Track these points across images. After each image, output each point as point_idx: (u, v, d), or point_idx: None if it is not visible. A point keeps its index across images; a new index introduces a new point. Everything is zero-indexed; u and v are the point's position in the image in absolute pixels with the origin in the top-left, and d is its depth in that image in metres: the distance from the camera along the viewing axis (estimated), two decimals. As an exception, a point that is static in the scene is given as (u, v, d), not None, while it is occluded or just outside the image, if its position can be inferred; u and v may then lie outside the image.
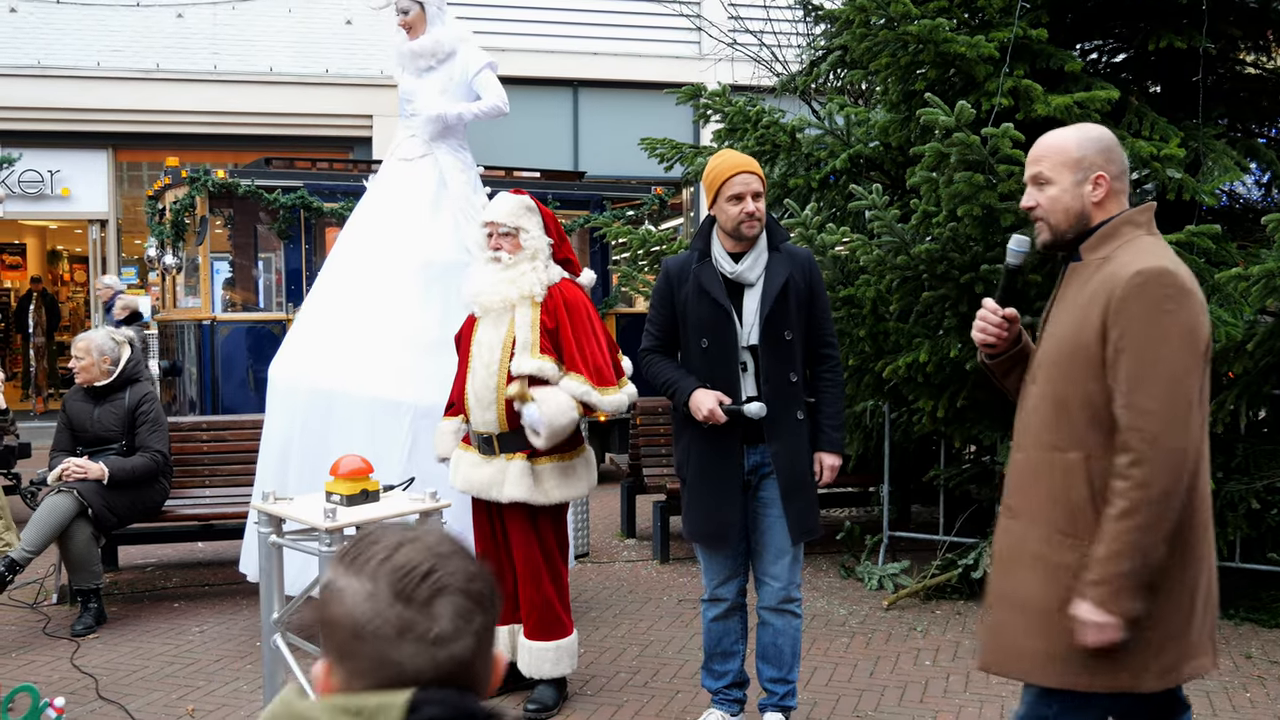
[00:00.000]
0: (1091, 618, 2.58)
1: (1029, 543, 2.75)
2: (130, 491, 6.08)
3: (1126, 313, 2.58)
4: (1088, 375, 2.65)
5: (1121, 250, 2.69)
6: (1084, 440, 2.66)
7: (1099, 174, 2.75)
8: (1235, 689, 5.01)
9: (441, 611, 1.27)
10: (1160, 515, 2.53)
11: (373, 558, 1.30)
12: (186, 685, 5.13)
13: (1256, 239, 6.31)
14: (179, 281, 10.72)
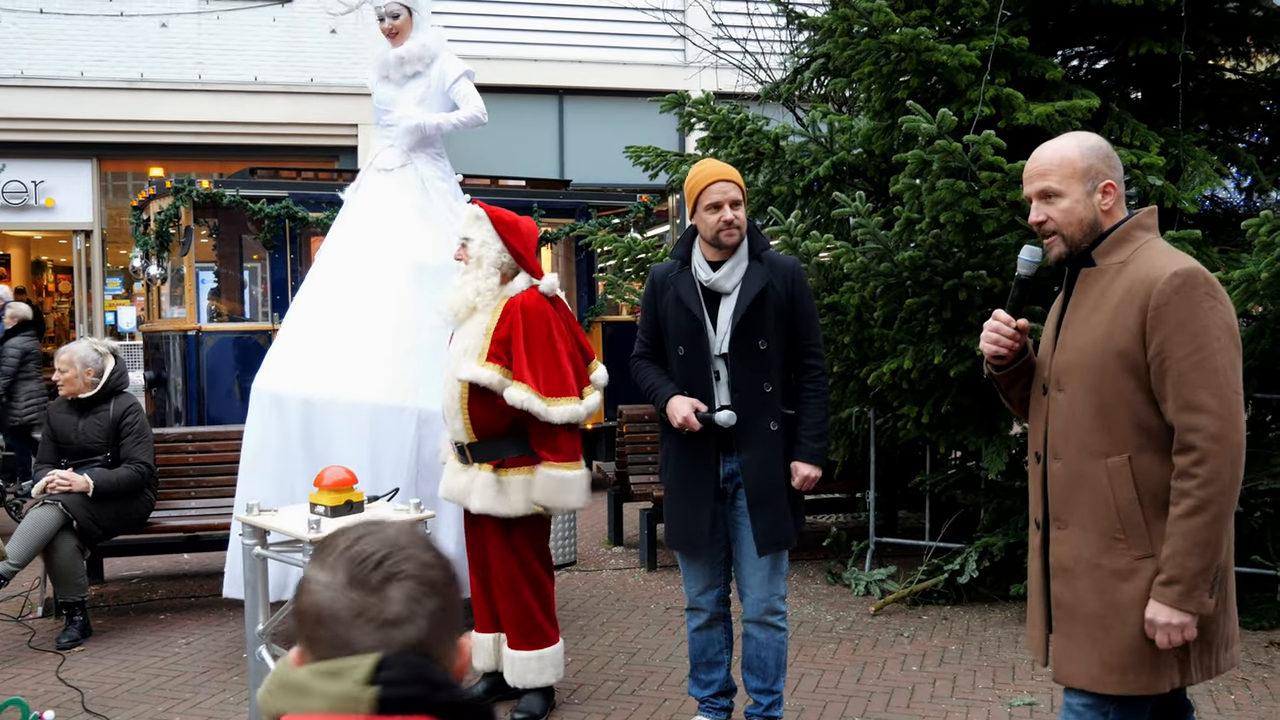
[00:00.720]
0: (1167, 619, 2.61)
1: (1083, 550, 2.77)
2: (115, 503, 6.06)
3: (1170, 314, 2.61)
4: (1125, 378, 2.68)
5: (1140, 253, 2.73)
6: (1127, 443, 2.69)
7: (1107, 182, 2.79)
8: (1220, 691, 5.03)
9: (394, 595, 1.36)
10: (1225, 509, 2.58)
11: (335, 549, 1.40)
12: (173, 698, 5.12)
13: (1237, 243, 6.35)
14: (164, 292, 10.69)
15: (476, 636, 4.92)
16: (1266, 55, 7.39)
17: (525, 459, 4.62)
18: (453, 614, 1.42)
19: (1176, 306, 2.60)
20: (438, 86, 6.03)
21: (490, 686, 4.94)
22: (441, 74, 6.03)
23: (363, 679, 1.33)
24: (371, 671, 1.33)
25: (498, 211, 4.75)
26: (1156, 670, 2.68)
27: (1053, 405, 2.86)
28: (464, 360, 4.59)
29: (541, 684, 4.75)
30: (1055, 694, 5.02)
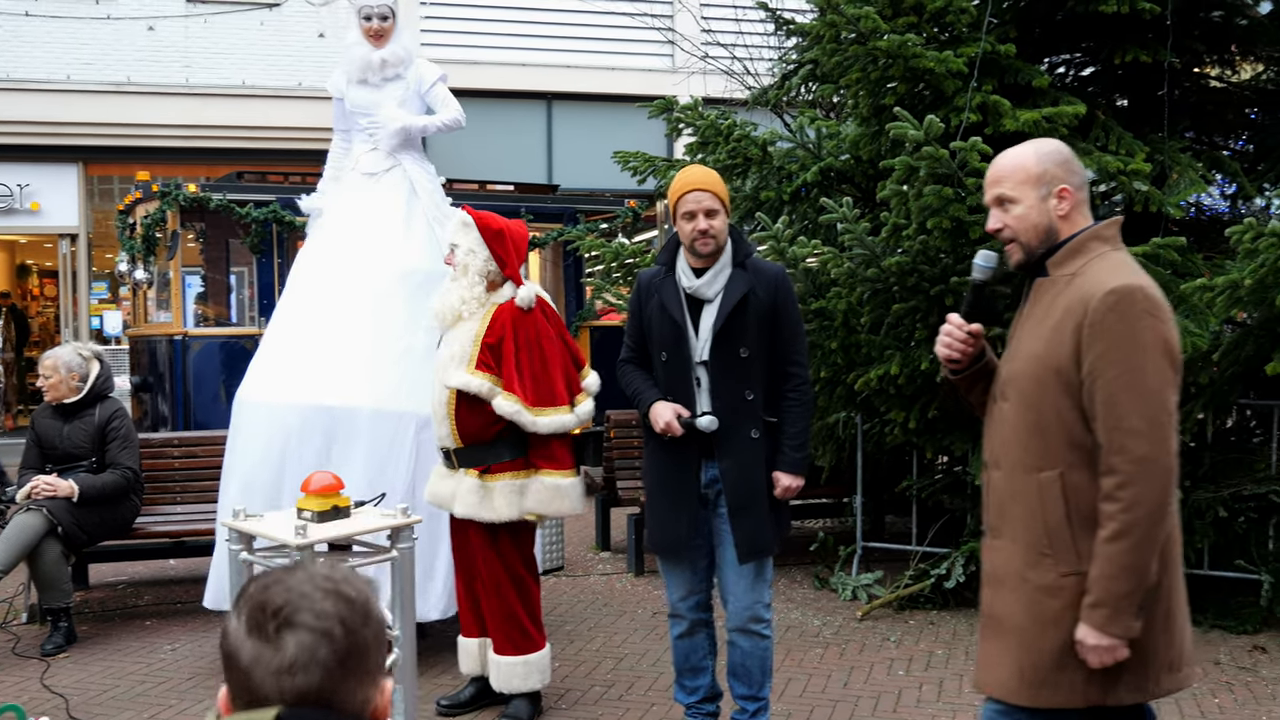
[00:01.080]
0: (1094, 641, 2.59)
1: (1012, 562, 2.75)
2: (100, 509, 6.04)
3: (1103, 332, 2.57)
4: (1061, 395, 2.65)
5: (1090, 266, 2.69)
6: (1058, 459, 2.66)
7: (1062, 187, 2.75)
8: (1204, 695, 5.05)
9: (288, 644, 1.39)
10: (1151, 534, 2.54)
11: (246, 595, 1.46)
12: (159, 704, 5.10)
13: (1221, 250, 6.37)
14: (150, 296, 10.66)
15: (462, 641, 4.92)
16: (1251, 63, 7.43)
17: (511, 465, 4.61)
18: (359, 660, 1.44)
19: (1111, 324, 2.57)
20: (415, 89, 6.04)
21: (477, 691, 4.93)
22: (419, 77, 6.05)
23: None
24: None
25: (485, 218, 4.73)
26: (1072, 687, 2.66)
27: (998, 414, 2.86)
28: (453, 367, 4.59)
29: (528, 689, 4.75)
30: (1041, 699, 5.04)
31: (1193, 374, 5.73)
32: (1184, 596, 2.74)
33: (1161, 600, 2.66)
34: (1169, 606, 2.68)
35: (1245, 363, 5.63)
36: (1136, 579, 2.55)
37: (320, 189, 6.21)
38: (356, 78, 6.00)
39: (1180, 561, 2.73)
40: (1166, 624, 2.68)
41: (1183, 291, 5.59)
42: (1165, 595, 2.67)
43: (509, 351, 4.55)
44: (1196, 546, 5.99)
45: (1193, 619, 6.06)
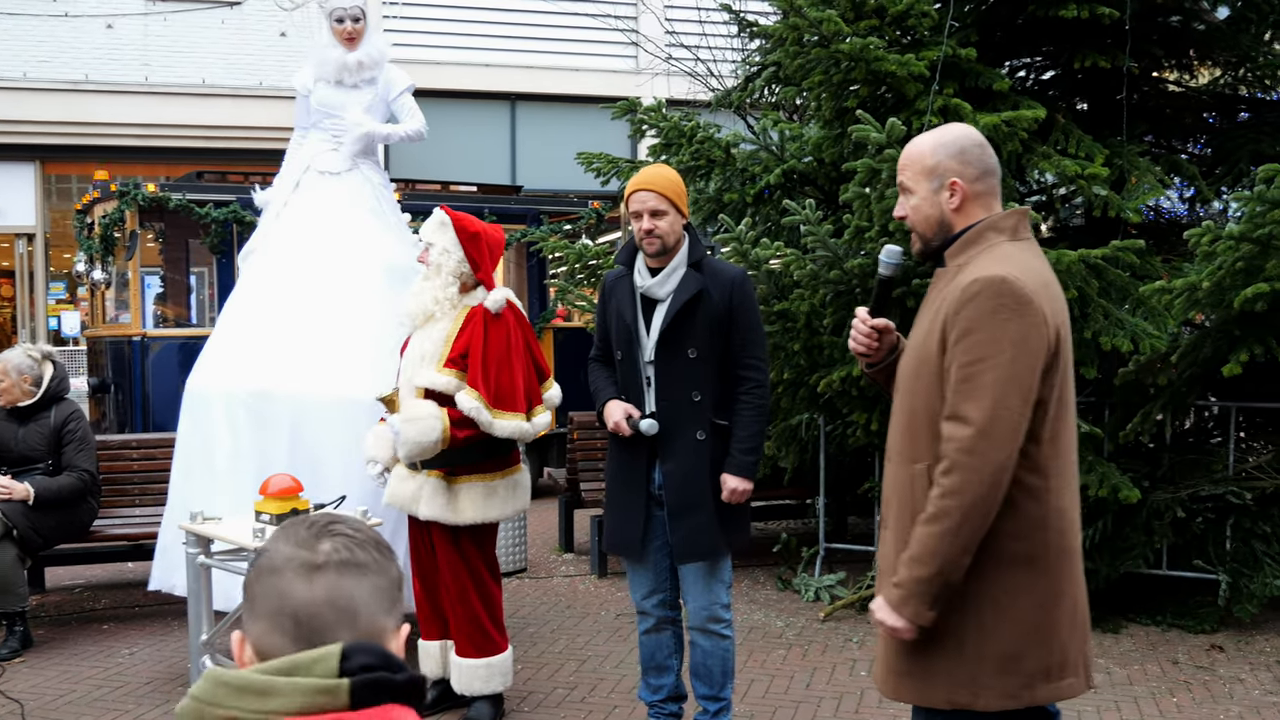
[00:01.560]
0: (881, 615, 2.60)
1: (890, 553, 2.72)
2: (57, 512, 5.97)
3: (960, 321, 2.54)
4: (932, 386, 2.62)
5: (979, 257, 2.64)
6: (929, 450, 2.62)
7: (953, 180, 2.69)
8: (1162, 694, 5.10)
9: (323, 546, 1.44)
10: (963, 525, 2.48)
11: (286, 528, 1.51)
12: (116, 709, 5.04)
13: (1180, 252, 6.44)
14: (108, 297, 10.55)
15: (423, 644, 4.89)
16: (1208, 68, 7.51)
17: (477, 467, 4.60)
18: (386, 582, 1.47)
19: (968, 315, 2.53)
20: (383, 95, 6.04)
21: (439, 694, 4.91)
22: (388, 83, 6.05)
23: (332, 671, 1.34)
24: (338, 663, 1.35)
25: (463, 219, 4.71)
26: (933, 687, 2.63)
27: (893, 406, 2.84)
28: (422, 367, 4.56)
29: (490, 692, 4.73)
30: (1002, 699, 5.07)
31: (1151, 376, 5.79)
32: (1072, 606, 2.67)
33: (1033, 609, 2.59)
34: (1044, 617, 2.61)
35: (1203, 364, 5.69)
36: (938, 567, 2.51)
37: (277, 184, 6.16)
38: (331, 78, 5.97)
39: (1068, 570, 2.65)
40: (1040, 633, 2.60)
41: (1142, 294, 5.65)
42: (1037, 605, 2.60)
43: (477, 352, 4.53)
44: (1155, 547, 6.05)
45: (1151, 619, 6.16)
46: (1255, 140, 6.77)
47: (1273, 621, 6.16)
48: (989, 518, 2.51)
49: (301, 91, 6.09)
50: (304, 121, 6.14)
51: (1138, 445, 6.38)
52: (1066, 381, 2.65)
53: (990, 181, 2.73)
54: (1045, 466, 2.58)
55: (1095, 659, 5.55)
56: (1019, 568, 2.58)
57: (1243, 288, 5.07)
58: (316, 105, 5.99)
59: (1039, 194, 7.62)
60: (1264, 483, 6.06)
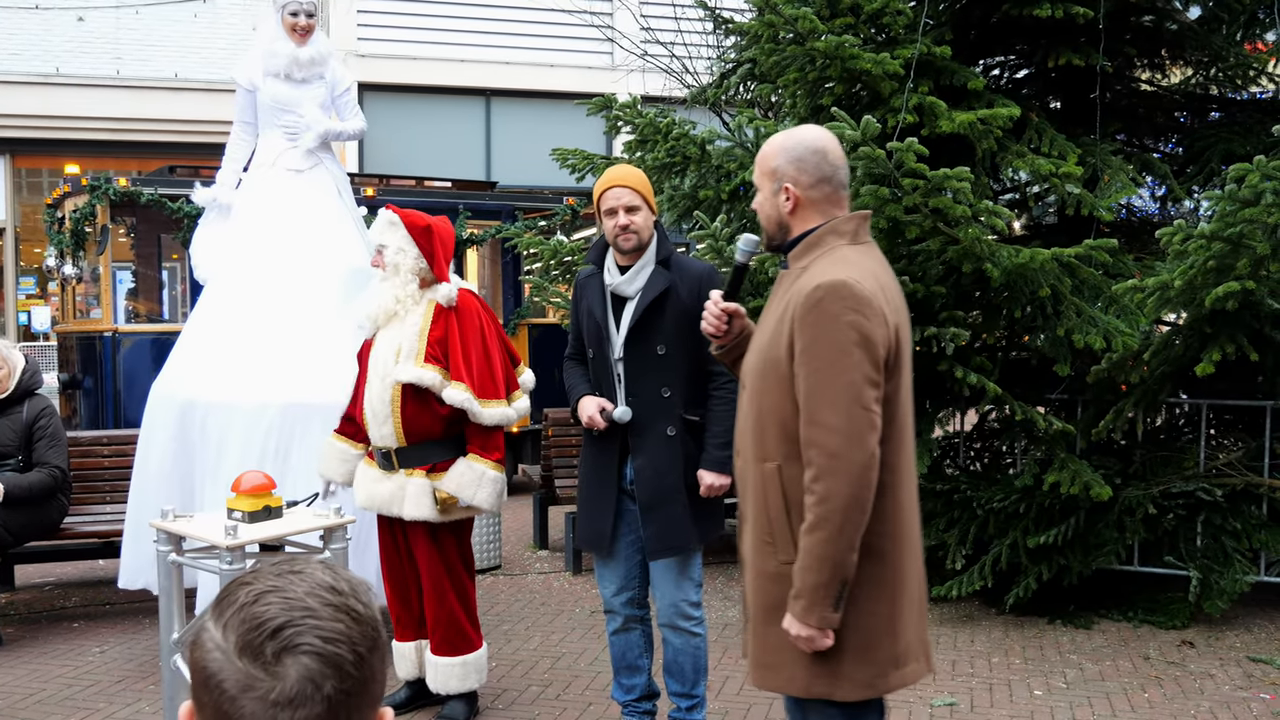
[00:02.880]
0: (796, 631, 2.64)
1: (747, 549, 2.81)
2: (27, 509, 5.91)
3: (806, 326, 2.60)
4: (779, 387, 2.68)
5: (819, 261, 2.71)
6: (778, 450, 2.69)
7: (785, 185, 2.77)
8: (1134, 690, 5.13)
9: (288, 673, 1.16)
10: (844, 526, 2.55)
11: (234, 604, 1.22)
12: (86, 708, 5.00)
13: (1152, 251, 6.48)
14: (80, 292, 10.46)
15: (397, 646, 4.87)
16: (1180, 67, 7.56)
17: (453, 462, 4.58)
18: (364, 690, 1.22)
19: (814, 319, 2.59)
20: (330, 91, 6.08)
21: (413, 692, 4.89)
22: (335, 79, 6.10)
23: None
24: None
25: (412, 215, 4.70)
26: (793, 676, 2.71)
27: (740, 403, 2.91)
28: (400, 363, 4.53)
29: (465, 690, 4.72)
30: (975, 694, 5.09)
31: (1123, 374, 5.83)
32: (914, 594, 2.77)
33: (884, 600, 2.68)
34: (893, 607, 2.70)
35: (1175, 362, 5.73)
36: (830, 571, 2.57)
37: (220, 180, 6.12)
38: (280, 73, 5.95)
39: (909, 560, 2.75)
40: (891, 623, 2.70)
41: (1114, 292, 5.67)
42: (889, 596, 2.69)
43: (455, 344, 4.54)
44: (1127, 543, 6.09)
45: (1122, 615, 6.20)
46: (1226, 139, 6.81)
47: (1243, 617, 6.21)
48: (865, 513, 2.58)
49: (246, 86, 6.04)
50: (247, 116, 6.09)
51: (1110, 442, 6.42)
52: (905, 380, 2.73)
53: (826, 189, 2.78)
54: (888, 462, 2.65)
55: (1065, 653, 5.61)
56: (870, 561, 2.65)
57: (1214, 286, 5.10)
58: (270, 101, 5.97)
59: (1013, 192, 7.65)
60: (1234, 479, 6.11)
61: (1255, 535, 6.04)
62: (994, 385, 5.81)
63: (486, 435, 4.57)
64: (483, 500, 4.53)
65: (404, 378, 4.50)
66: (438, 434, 4.56)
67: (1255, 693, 5.09)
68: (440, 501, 4.50)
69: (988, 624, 6.20)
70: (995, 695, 5.10)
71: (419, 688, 4.87)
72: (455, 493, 4.50)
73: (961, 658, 5.63)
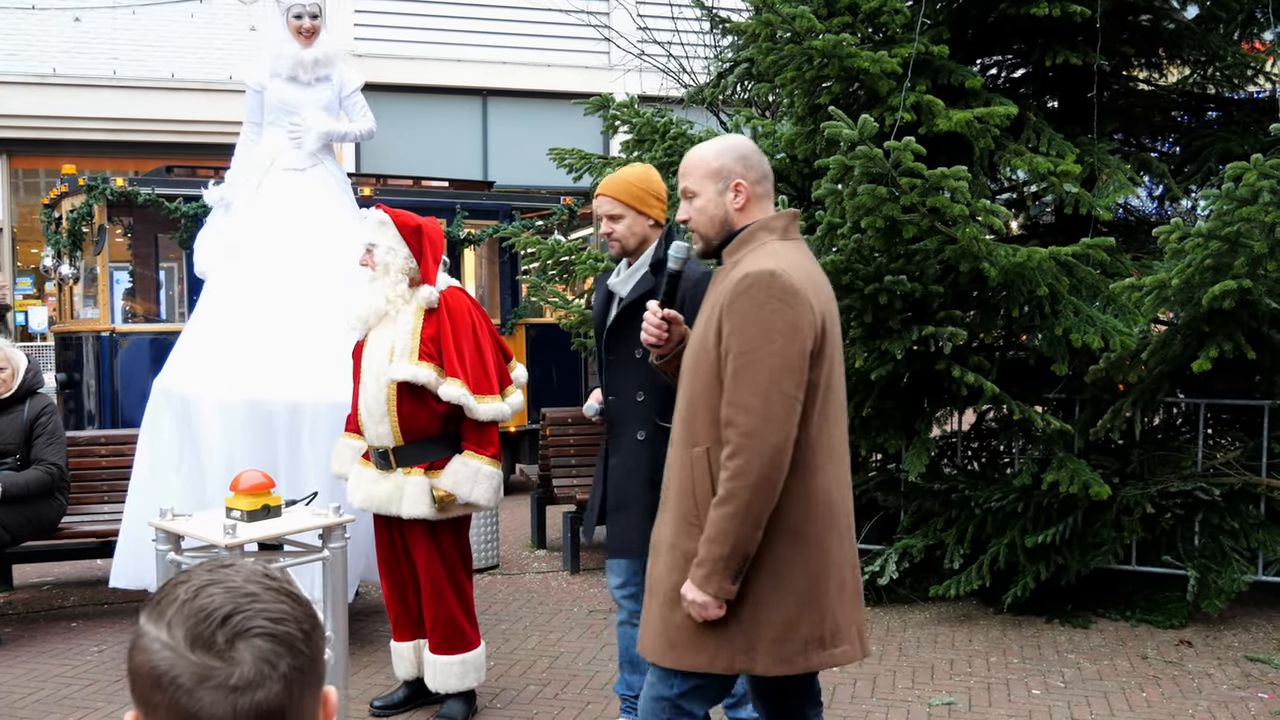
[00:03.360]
0: (691, 596, 2.76)
1: (668, 532, 2.92)
2: (25, 506, 5.91)
3: (734, 313, 2.73)
4: (709, 374, 2.81)
5: (751, 255, 2.85)
6: (707, 435, 2.81)
7: (737, 181, 2.91)
8: (1132, 689, 5.13)
9: (243, 656, 1.18)
10: (751, 503, 2.68)
11: (174, 602, 1.22)
12: (85, 707, 5.00)
13: (1149, 250, 6.48)
14: (77, 292, 10.45)
15: (395, 646, 4.87)
16: (1178, 66, 7.56)
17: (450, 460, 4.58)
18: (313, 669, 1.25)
19: (741, 306, 2.72)
20: (338, 92, 6.11)
21: (411, 692, 4.89)
22: (343, 80, 6.12)
23: None
24: None
25: (403, 215, 4.71)
26: (713, 653, 2.80)
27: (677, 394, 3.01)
28: (395, 361, 4.53)
29: (464, 688, 4.72)
30: (974, 693, 5.10)
31: (1121, 373, 5.83)
32: (840, 579, 2.85)
33: (804, 579, 2.79)
34: (815, 586, 2.80)
35: (1172, 361, 5.73)
36: (732, 544, 2.70)
37: (229, 180, 6.14)
38: (286, 74, 5.97)
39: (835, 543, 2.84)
40: (812, 602, 2.80)
41: (1112, 291, 5.67)
42: (809, 576, 2.79)
43: (448, 341, 4.54)
44: (1125, 543, 6.09)
45: (1120, 614, 6.19)
46: (1224, 139, 6.82)
47: (1240, 616, 6.21)
48: (774, 494, 2.71)
49: (254, 87, 6.09)
50: (255, 117, 6.14)
51: (1108, 442, 6.42)
52: (834, 368, 2.85)
53: (767, 185, 2.98)
54: (813, 445, 2.78)
55: (1063, 653, 5.61)
56: (789, 539, 2.77)
57: (1211, 285, 5.11)
58: (275, 102, 5.99)
59: (1010, 191, 7.65)
60: (1232, 479, 6.11)
61: (1253, 535, 6.05)
62: (992, 385, 5.81)
63: (481, 431, 4.57)
64: (480, 496, 4.52)
65: (399, 376, 4.50)
66: (434, 431, 4.56)
67: (1253, 692, 5.09)
68: (438, 499, 4.50)
69: (986, 623, 6.20)
70: (993, 694, 5.10)
71: (416, 687, 4.87)
72: (452, 490, 4.49)
73: (960, 657, 5.63)
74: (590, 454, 7.73)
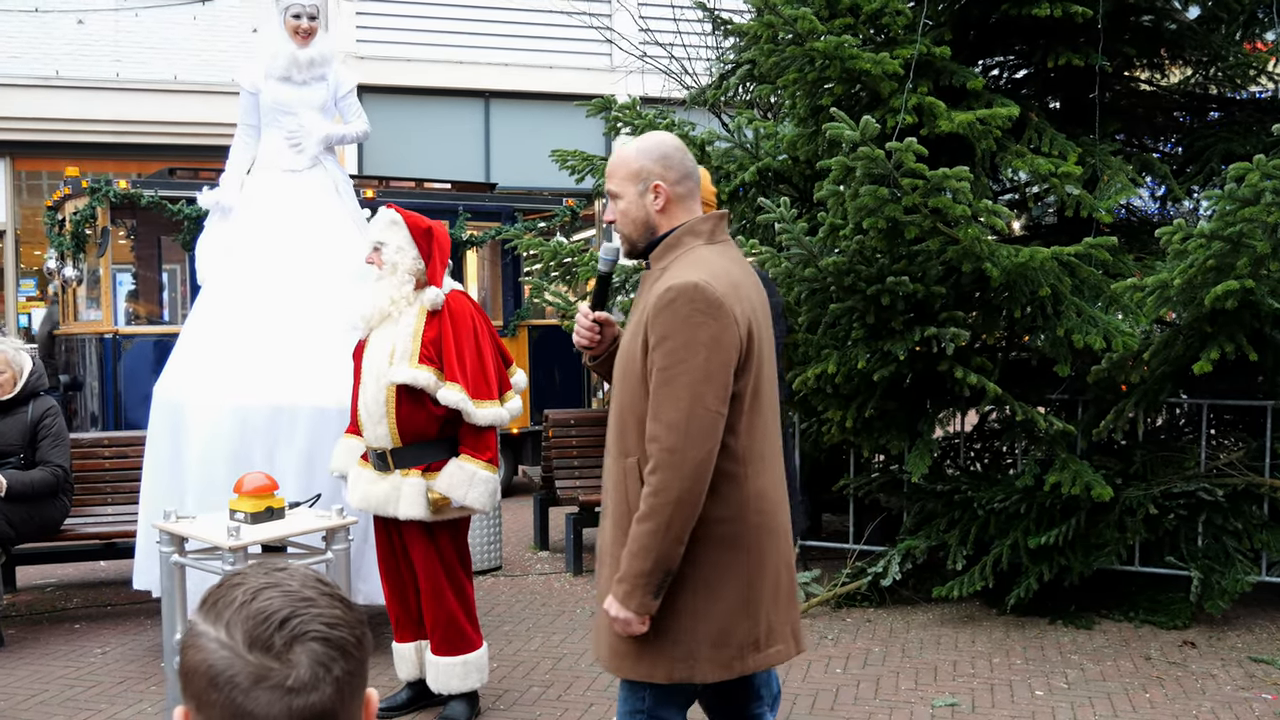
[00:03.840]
0: (615, 613, 2.73)
1: (607, 540, 2.90)
2: (28, 506, 5.92)
3: (657, 326, 2.69)
4: (636, 385, 2.77)
5: (677, 261, 2.80)
6: (636, 445, 2.78)
7: (655, 183, 2.85)
8: (1135, 690, 5.13)
9: (299, 659, 1.22)
10: (672, 519, 2.64)
11: (232, 603, 1.25)
12: (88, 709, 5.01)
13: (1151, 251, 6.48)
14: (80, 294, 10.47)
15: (397, 647, 4.87)
16: (1180, 67, 7.56)
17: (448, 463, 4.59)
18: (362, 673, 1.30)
19: (664, 321, 2.68)
20: (333, 93, 6.13)
21: (414, 693, 4.90)
22: (338, 82, 6.15)
23: None
24: None
25: (414, 216, 4.72)
26: (654, 662, 2.79)
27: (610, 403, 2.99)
28: (395, 363, 4.54)
29: (466, 689, 4.72)
30: (976, 695, 5.10)
31: (1123, 374, 5.83)
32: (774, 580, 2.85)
33: (740, 587, 2.78)
34: (750, 592, 2.79)
35: (1175, 362, 5.73)
36: (654, 560, 2.67)
37: (223, 183, 6.14)
38: (280, 75, 5.99)
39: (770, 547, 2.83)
40: (747, 608, 2.79)
41: (1114, 291, 5.68)
42: (744, 582, 2.78)
43: (449, 345, 4.55)
44: (1128, 543, 6.09)
45: (1124, 615, 6.20)
46: (1226, 139, 6.82)
47: (1244, 617, 6.21)
48: (696, 509, 2.67)
49: (249, 89, 6.09)
50: (249, 119, 6.13)
51: (1110, 442, 6.42)
52: (762, 375, 2.82)
53: (689, 184, 2.90)
54: (743, 454, 2.76)
55: (1066, 654, 5.61)
56: (725, 549, 2.76)
57: (1213, 285, 5.11)
58: (271, 103, 6.00)
59: (1012, 192, 7.66)
60: (1235, 479, 6.11)
61: (1256, 535, 6.04)
62: (994, 385, 5.81)
63: (478, 436, 4.57)
64: (474, 500, 4.52)
65: (399, 378, 4.50)
66: (432, 434, 4.57)
67: (1257, 693, 5.09)
68: (432, 501, 4.50)
69: (989, 624, 6.20)
70: (996, 695, 5.10)
71: (419, 688, 4.88)
72: (446, 493, 4.50)
73: (962, 658, 5.63)
74: (593, 455, 7.73)
